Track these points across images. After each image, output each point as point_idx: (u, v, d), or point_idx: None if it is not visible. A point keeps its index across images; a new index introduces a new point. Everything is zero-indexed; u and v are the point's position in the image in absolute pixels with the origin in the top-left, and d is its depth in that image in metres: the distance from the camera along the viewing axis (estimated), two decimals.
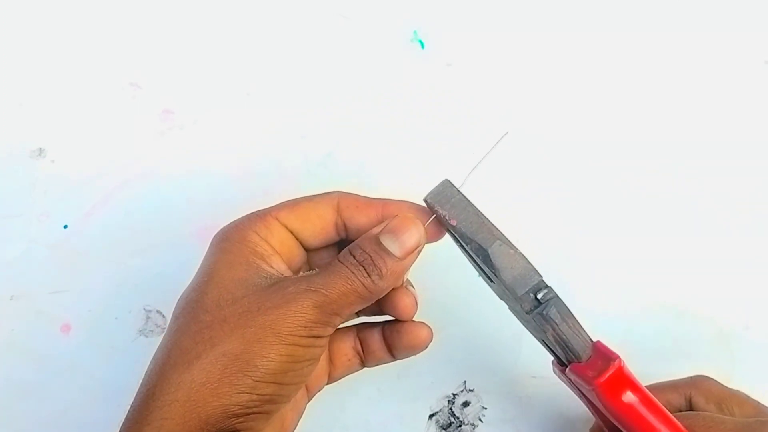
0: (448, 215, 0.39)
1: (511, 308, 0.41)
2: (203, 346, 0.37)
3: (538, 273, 0.39)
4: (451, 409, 0.49)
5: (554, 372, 0.42)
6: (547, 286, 0.39)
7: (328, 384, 0.44)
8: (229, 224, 0.41)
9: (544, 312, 0.38)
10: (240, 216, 0.41)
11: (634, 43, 0.56)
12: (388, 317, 0.44)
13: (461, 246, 0.40)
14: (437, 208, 0.39)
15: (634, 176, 0.54)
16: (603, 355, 0.39)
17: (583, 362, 0.39)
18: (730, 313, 0.51)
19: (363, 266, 0.38)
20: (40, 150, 0.54)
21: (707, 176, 0.54)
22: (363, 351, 0.44)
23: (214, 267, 0.39)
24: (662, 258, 0.52)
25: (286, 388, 0.38)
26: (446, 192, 0.39)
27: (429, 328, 0.43)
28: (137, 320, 0.51)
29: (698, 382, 0.45)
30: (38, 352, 0.50)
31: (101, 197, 0.53)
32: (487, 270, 0.39)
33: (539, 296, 0.39)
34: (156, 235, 0.52)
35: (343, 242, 0.42)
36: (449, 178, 0.40)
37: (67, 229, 0.52)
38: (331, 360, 0.44)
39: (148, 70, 0.55)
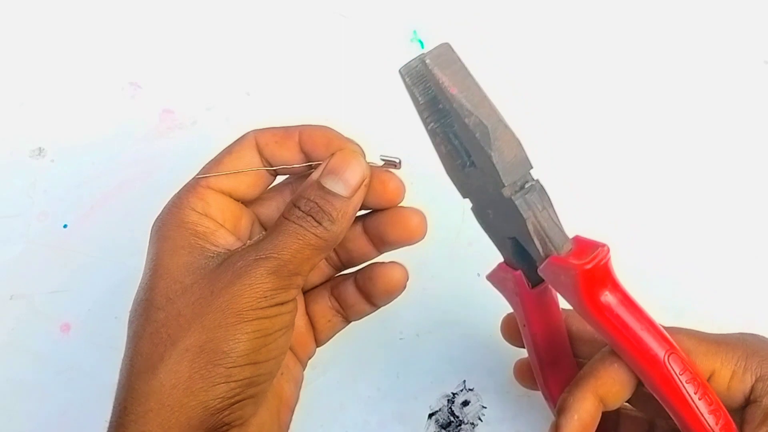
0: (448, 82, 0.35)
1: (476, 201, 0.38)
2: (163, 347, 0.34)
3: (530, 163, 0.36)
4: (450, 408, 0.49)
5: (492, 277, 0.40)
6: (534, 179, 0.36)
7: (319, 347, 0.43)
8: (163, 208, 0.38)
9: (527, 196, 0.36)
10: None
11: (634, 43, 0.56)
12: (359, 267, 0.42)
13: (438, 121, 0.36)
14: (436, 71, 0.35)
15: (634, 176, 0.54)
16: (586, 246, 0.36)
17: (562, 255, 0.36)
18: (730, 313, 0.51)
19: (311, 215, 0.36)
20: (40, 150, 0.54)
21: (707, 176, 0.54)
22: (342, 307, 0.42)
23: (156, 258, 0.36)
24: (662, 258, 0.52)
25: (263, 365, 0.36)
26: (447, 56, 0.35)
27: (403, 267, 0.41)
28: None
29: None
30: (38, 351, 0.50)
31: (101, 197, 0.53)
32: (476, 151, 0.35)
33: (526, 186, 0.36)
34: None
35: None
36: (449, 43, 0.35)
37: (67, 228, 0.52)
38: (312, 325, 0.42)
39: (148, 70, 0.55)
